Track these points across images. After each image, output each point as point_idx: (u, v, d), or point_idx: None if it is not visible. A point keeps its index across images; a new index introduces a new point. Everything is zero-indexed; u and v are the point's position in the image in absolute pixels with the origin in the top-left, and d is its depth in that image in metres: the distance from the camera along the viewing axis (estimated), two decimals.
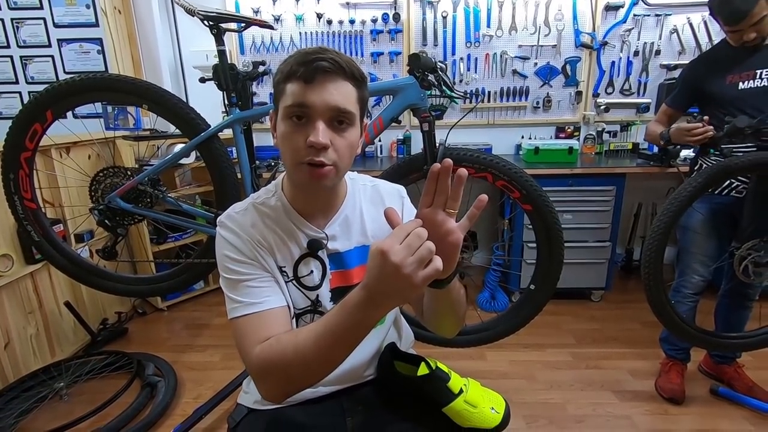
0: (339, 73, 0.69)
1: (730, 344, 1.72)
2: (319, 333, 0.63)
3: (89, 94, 1.43)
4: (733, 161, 1.46)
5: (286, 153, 0.73)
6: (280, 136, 0.74)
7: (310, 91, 0.68)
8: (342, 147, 0.72)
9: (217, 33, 1.42)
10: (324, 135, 0.69)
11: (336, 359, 0.65)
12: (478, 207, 0.61)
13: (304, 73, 0.68)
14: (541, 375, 1.94)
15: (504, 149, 2.89)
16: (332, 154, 0.71)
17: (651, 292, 1.54)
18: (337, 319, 0.61)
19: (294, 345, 0.65)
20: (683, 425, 1.63)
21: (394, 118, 1.44)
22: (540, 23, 2.70)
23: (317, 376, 0.67)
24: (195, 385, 1.92)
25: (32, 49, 2.60)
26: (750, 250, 1.55)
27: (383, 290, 0.57)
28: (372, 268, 0.57)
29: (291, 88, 0.70)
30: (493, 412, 0.81)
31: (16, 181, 1.51)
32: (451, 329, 0.86)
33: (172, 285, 1.71)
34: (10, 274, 1.81)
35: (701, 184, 1.46)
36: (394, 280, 0.55)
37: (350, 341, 0.62)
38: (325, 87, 0.69)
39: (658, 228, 1.49)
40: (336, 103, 0.69)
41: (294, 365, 0.64)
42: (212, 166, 1.47)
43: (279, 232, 0.80)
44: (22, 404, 1.70)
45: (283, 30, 2.77)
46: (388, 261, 0.54)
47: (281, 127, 0.73)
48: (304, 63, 0.68)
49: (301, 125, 0.70)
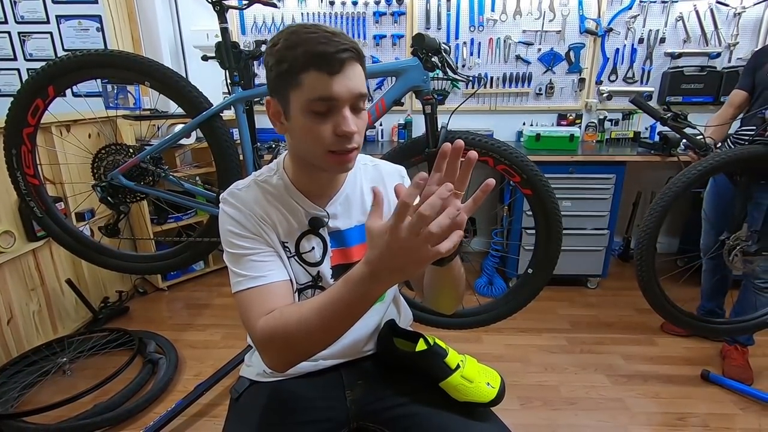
0: (357, 58, 0.69)
1: (715, 329, 1.78)
2: (322, 305, 0.64)
3: (91, 71, 1.42)
4: (721, 156, 1.51)
5: (309, 143, 0.71)
6: (301, 129, 0.71)
7: (335, 82, 0.66)
8: (362, 128, 0.74)
9: (220, 10, 1.41)
10: (354, 123, 0.69)
11: (338, 330, 0.66)
12: (485, 191, 0.59)
13: (329, 65, 0.66)
14: (535, 358, 1.98)
15: (505, 135, 2.88)
16: (357, 138, 0.72)
17: (643, 277, 1.59)
18: (341, 291, 0.62)
19: (298, 315, 0.66)
20: (674, 408, 1.67)
21: (397, 100, 1.44)
22: (545, 8, 2.67)
23: (319, 346, 0.68)
24: (196, 362, 1.95)
25: (30, 26, 2.57)
26: (738, 239, 1.59)
27: (387, 266, 0.57)
28: (377, 244, 0.57)
29: (311, 79, 0.67)
30: (488, 387, 0.83)
31: (18, 157, 1.51)
32: (450, 306, 0.88)
33: (174, 263, 1.72)
34: (12, 250, 1.82)
35: (695, 175, 1.50)
36: (398, 256, 0.55)
37: (352, 314, 0.63)
38: (348, 75, 0.68)
39: (652, 216, 1.54)
40: (359, 90, 0.69)
41: (297, 335, 0.66)
42: (214, 145, 1.47)
43: (281, 208, 0.81)
44: (25, 378, 1.74)
45: (284, 10, 2.74)
46: (396, 236, 0.54)
47: (301, 120, 0.70)
48: (326, 54, 0.65)
49: (325, 116, 0.69)
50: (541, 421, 1.62)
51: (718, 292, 2.01)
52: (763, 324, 1.71)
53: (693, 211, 2.77)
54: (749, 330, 1.76)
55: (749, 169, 1.60)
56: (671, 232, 3.04)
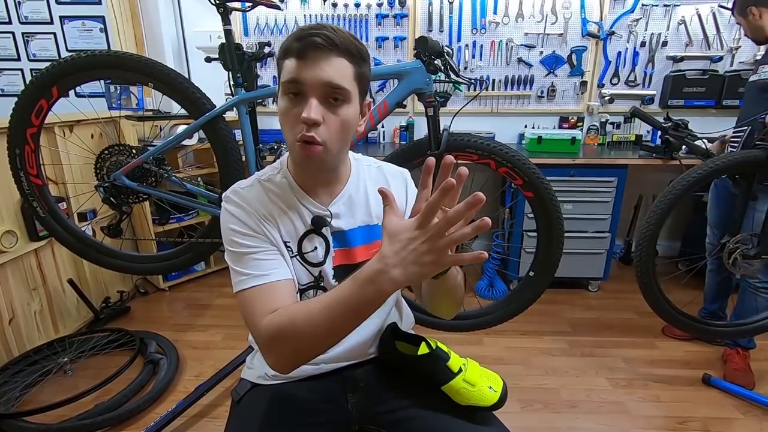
0: (332, 48, 0.69)
1: (714, 331, 1.78)
2: (330, 303, 0.63)
3: (95, 71, 1.43)
4: (719, 160, 1.52)
5: (285, 130, 0.74)
6: (279, 112, 0.75)
7: (303, 67, 0.69)
8: (334, 124, 0.72)
9: (224, 12, 1.41)
10: (316, 111, 0.69)
11: (344, 330, 0.65)
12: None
13: (298, 49, 0.69)
14: (536, 361, 1.98)
15: (507, 138, 2.89)
16: (323, 132, 0.71)
17: (643, 279, 1.61)
18: (350, 289, 0.61)
19: (306, 313, 0.65)
20: (674, 412, 1.66)
21: (399, 102, 1.44)
22: (547, 11, 2.68)
23: (324, 346, 0.68)
24: (196, 363, 1.95)
25: (34, 26, 2.58)
26: (738, 243, 1.60)
27: (404, 262, 0.57)
28: (398, 239, 0.58)
29: (288, 64, 0.71)
30: (491, 391, 0.83)
31: (22, 157, 1.51)
32: (448, 312, 0.88)
33: (175, 264, 1.72)
34: (15, 250, 1.83)
35: (694, 180, 1.52)
36: (421, 253, 0.56)
37: (360, 312, 0.63)
38: (317, 63, 0.69)
39: (652, 219, 1.55)
40: (329, 79, 0.69)
41: (303, 335, 0.65)
42: (217, 146, 1.47)
43: (284, 207, 0.81)
44: (27, 377, 1.74)
45: (287, 12, 2.75)
46: (424, 234, 0.56)
47: (280, 102, 0.74)
48: (299, 39, 0.69)
49: (296, 101, 0.71)
50: (542, 424, 1.61)
51: (721, 295, 2.01)
52: (763, 328, 1.71)
53: (694, 215, 2.77)
54: (748, 333, 1.76)
55: (750, 174, 1.60)
56: (673, 236, 3.04)
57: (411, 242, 0.56)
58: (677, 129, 1.72)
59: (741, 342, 1.85)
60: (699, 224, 2.03)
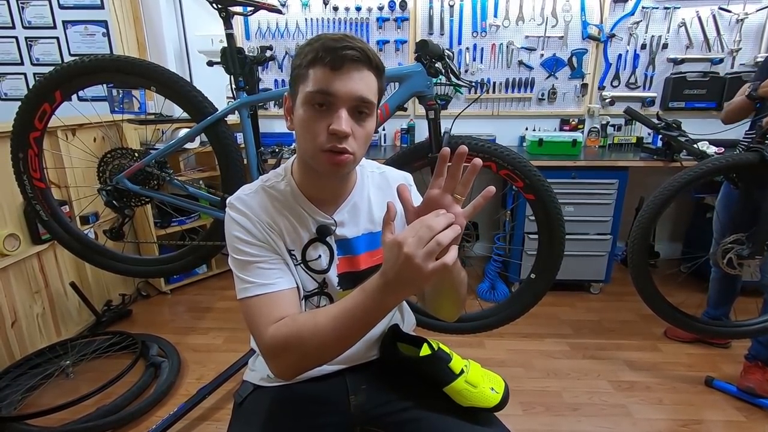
0: (365, 62, 0.70)
1: (714, 331, 1.78)
2: (338, 313, 0.65)
3: (98, 75, 1.43)
4: (711, 162, 1.53)
5: (306, 139, 0.72)
6: (300, 121, 0.73)
7: (336, 78, 0.68)
8: (361, 136, 0.73)
9: (226, 16, 1.42)
10: (347, 124, 0.69)
11: (352, 339, 0.67)
12: (485, 197, 0.63)
13: (332, 61, 0.67)
14: (538, 363, 1.97)
15: (508, 141, 2.90)
16: (353, 143, 0.71)
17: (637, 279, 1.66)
18: (357, 301, 0.64)
19: (313, 324, 0.67)
20: (677, 415, 1.66)
21: (400, 105, 1.45)
22: (547, 14, 2.69)
23: (331, 355, 0.69)
24: (198, 366, 1.95)
25: (37, 31, 2.60)
26: (733, 243, 1.60)
27: (398, 278, 0.60)
28: (389, 257, 0.60)
29: (316, 74, 0.69)
30: (492, 392, 0.83)
31: (25, 161, 1.52)
32: (451, 312, 0.88)
33: (177, 267, 1.72)
34: (17, 253, 1.83)
35: (685, 180, 1.53)
36: (406, 269, 0.58)
37: (368, 322, 0.65)
38: (351, 76, 0.68)
39: (642, 219, 1.58)
40: (360, 93, 0.69)
41: (311, 343, 0.66)
42: (219, 149, 1.47)
43: (288, 216, 0.81)
44: (29, 381, 1.74)
45: (288, 16, 2.76)
46: (402, 251, 0.58)
47: (301, 112, 0.72)
48: (333, 50, 0.67)
49: (322, 112, 0.70)
50: (543, 427, 1.61)
51: (726, 300, 1.98)
52: (765, 330, 1.70)
53: (695, 217, 2.77)
54: (750, 334, 1.74)
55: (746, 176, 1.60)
56: (674, 238, 3.03)
57: (398, 256, 0.59)
58: (669, 128, 1.71)
59: (761, 356, 1.74)
60: (700, 226, 2.03)
